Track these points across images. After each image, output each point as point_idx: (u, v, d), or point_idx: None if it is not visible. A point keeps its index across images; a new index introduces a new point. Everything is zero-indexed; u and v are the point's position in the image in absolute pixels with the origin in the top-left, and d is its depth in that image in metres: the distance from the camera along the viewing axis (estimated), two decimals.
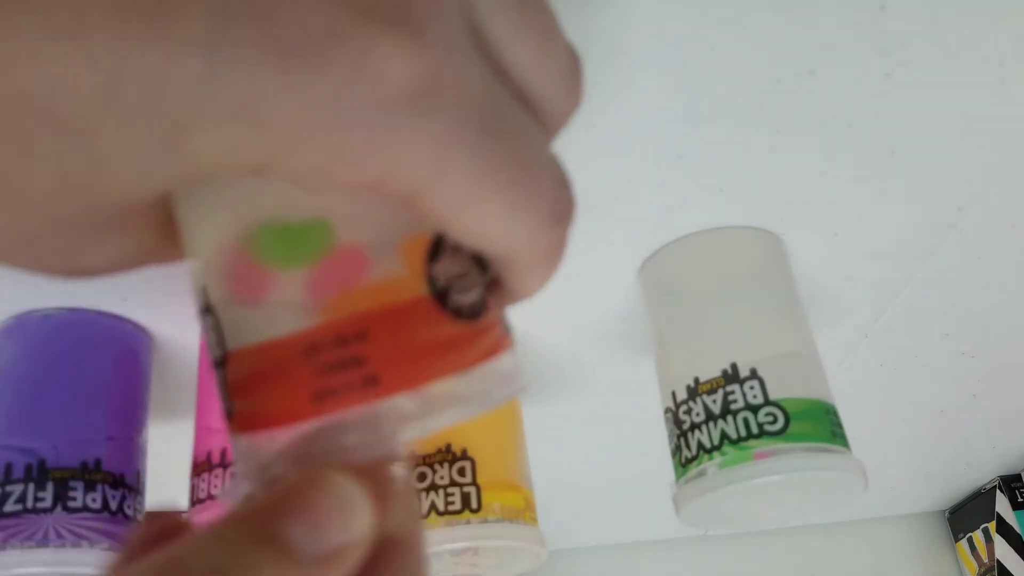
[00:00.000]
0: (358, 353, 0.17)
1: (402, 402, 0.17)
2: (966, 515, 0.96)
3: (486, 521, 0.44)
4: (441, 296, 0.18)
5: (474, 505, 0.44)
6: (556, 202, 0.18)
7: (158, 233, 0.18)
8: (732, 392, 0.42)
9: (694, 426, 0.43)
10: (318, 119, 0.15)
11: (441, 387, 0.18)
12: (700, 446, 0.42)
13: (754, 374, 0.42)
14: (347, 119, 0.15)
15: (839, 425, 0.43)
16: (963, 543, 0.96)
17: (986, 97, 0.39)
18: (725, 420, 0.42)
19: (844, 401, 0.48)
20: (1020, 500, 0.88)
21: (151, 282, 0.45)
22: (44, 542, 0.40)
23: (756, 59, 0.36)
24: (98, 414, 0.44)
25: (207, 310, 0.18)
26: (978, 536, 0.93)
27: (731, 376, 0.43)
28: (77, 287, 0.45)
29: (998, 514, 0.89)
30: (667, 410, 0.46)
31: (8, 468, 0.41)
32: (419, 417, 0.17)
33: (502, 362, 0.19)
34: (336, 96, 0.15)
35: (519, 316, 0.59)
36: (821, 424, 0.42)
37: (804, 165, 0.42)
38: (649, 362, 0.49)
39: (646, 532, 0.98)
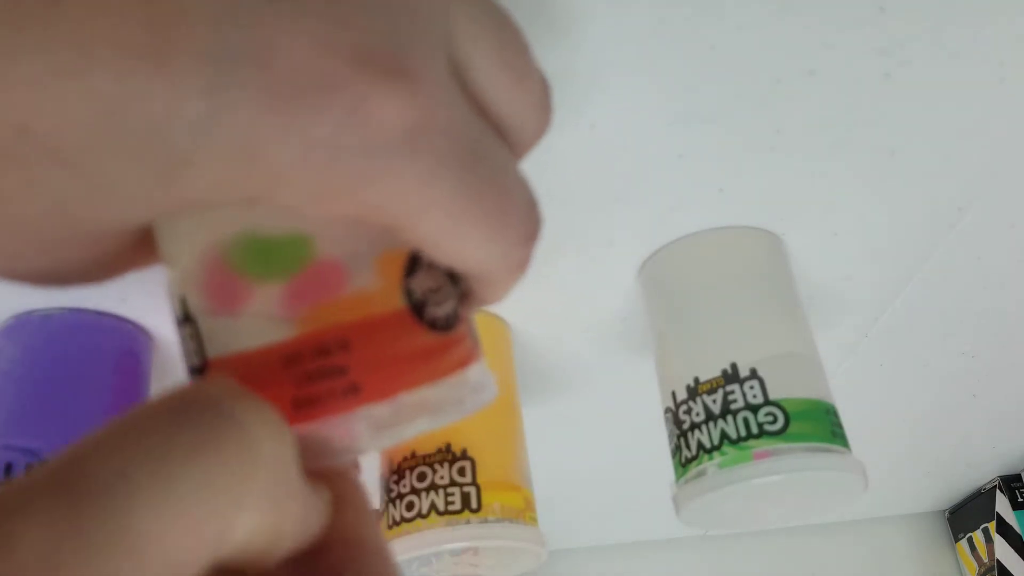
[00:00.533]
0: (341, 363, 0.18)
1: (381, 411, 0.18)
2: (966, 515, 0.96)
3: (486, 521, 0.44)
4: (418, 308, 0.19)
5: (474, 505, 0.44)
6: (527, 223, 0.19)
7: (136, 243, 0.18)
8: (732, 392, 0.42)
9: (694, 426, 0.43)
10: (313, 159, 0.15)
11: (414, 396, 0.18)
12: (700, 446, 0.43)
13: (754, 374, 0.42)
14: (341, 160, 0.15)
15: (839, 425, 0.43)
16: (963, 543, 0.96)
17: (986, 97, 0.39)
18: (725, 420, 0.42)
19: (844, 401, 0.48)
20: (1020, 500, 0.88)
21: (151, 282, 0.45)
22: None
23: (756, 59, 0.36)
24: (98, 414, 0.44)
25: (186, 319, 0.19)
26: (978, 536, 0.93)
27: (731, 376, 0.43)
28: (77, 287, 0.45)
29: (998, 514, 0.89)
30: (667, 410, 0.46)
31: (8, 468, 0.41)
32: (392, 425, 0.18)
33: (473, 372, 0.20)
34: (332, 139, 0.15)
35: (520, 316, 0.59)
36: (821, 424, 0.42)
37: (804, 165, 0.42)
38: (649, 362, 0.49)
39: (646, 532, 0.98)
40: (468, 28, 0.18)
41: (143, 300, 0.47)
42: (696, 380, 0.44)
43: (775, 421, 0.41)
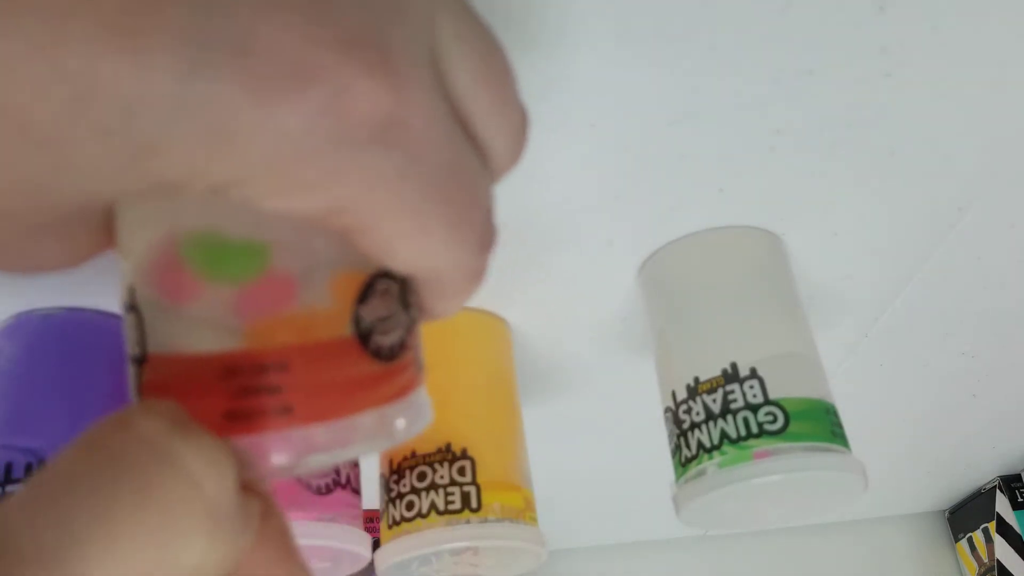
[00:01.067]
0: (276, 382, 0.18)
1: (313, 433, 0.18)
2: (966, 515, 0.96)
3: (486, 521, 0.44)
4: (364, 337, 0.19)
5: (474, 505, 0.44)
6: (485, 233, 0.19)
7: (100, 229, 0.18)
8: (732, 391, 0.42)
9: (694, 425, 0.43)
10: (286, 149, 0.15)
11: (351, 421, 0.18)
12: (700, 446, 0.43)
13: (754, 373, 0.42)
14: (314, 150, 0.15)
15: (839, 425, 0.43)
16: (963, 543, 0.96)
17: (986, 97, 0.39)
18: (725, 420, 0.42)
19: (844, 401, 0.48)
20: (1020, 500, 0.88)
21: None
22: None
23: (756, 59, 0.36)
24: (98, 414, 0.44)
25: (132, 307, 0.19)
26: (978, 536, 0.93)
27: (731, 375, 0.43)
28: (77, 287, 0.45)
29: (998, 514, 0.89)
30: (667, 410, 0.46)
31: (8, 468, 0.41)
32: (327, 449, 0.18)
33: (412, 400, 0.20)
34: (307, 129, 0.15)
35: (520, 316, 0.59)
36: (821, 424, 0.42)
37: (804, 165, 0.42)
38: (649, 362, 0.49)
39: (646, 532, 0.98)
40: (454, 45, 0.18)
41: None
42: (696, 380, 0.44)
43: (775, 421, 0.41)
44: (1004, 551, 0.88)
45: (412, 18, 0.17)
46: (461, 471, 0.45)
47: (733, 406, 0.42)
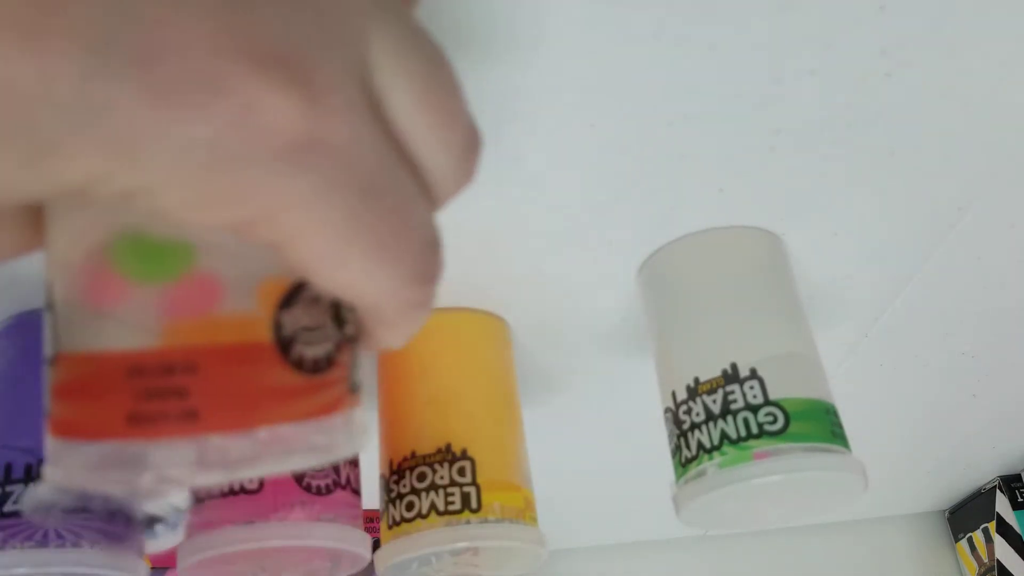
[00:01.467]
0: (182, 385, 0.17)
1: (229, 443, 0.17)
2: (966, 515, 0.96)
3: (486, 521, 0.44)
4: (284, 345, 0.18)
5: (474, 505, 0.44)
6: (422, 264, 0.18)
7: (30, 225, 0.18)
8: (732, 392, 0.42)
9: (694, 426, 0.43)
10: (192, 161, 0.15)
11: (265, 434, 0.17)
12: (700, 446, 0.42)
13: (754, 374, 0.42)
14: (222, 165, 0.15)
15: (839, 425, 0.43)
16: (963, 543, 0.96)
17: (986, 97, 0.39)
18: (725, 420, 0.42)
19: (844, 401, 0.48)
20: (1020, 500, 0.88)
21: None
22: (44, 542, 0.40)
23: (756, 59, 0.36)
24: None
25: (50, 307, 0.18)
26: (978, 536, 0.93)
27: (731, 376, 0.43)
28: None
29: (998, 514, 0.89)
30: (667, 410, 0.46)
31: (8, 468, 0.41)
32: (232, 462, 0.17)
33: (340, 420, 0.19)
34: (214, 142, 0.15)
35: (520, 316, 0.59)
36: (821, 424, 0.42)
37: (804, 165, 0.42)
38: (649, 362, 0.49)
39: (646, 532, 0.98)
40: (389, 62, 0.17)
41: None
42: (696, 380, 0.44)
43: (775, 421, 0.41)
44: (1004, 551, 0.88)
45: (339, 35, 0.16)
46: (461, 471, 0.45)
47: (733, 406, 0.42)
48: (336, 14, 0.16)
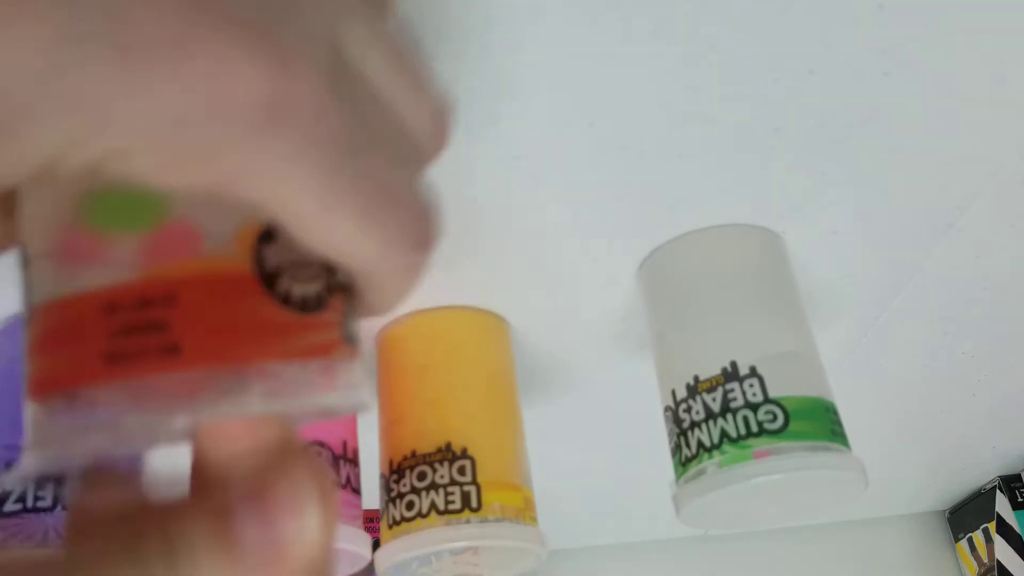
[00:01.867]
0: (161, 318, 0.16)
1: (204, 377, 0.16)
2: (966, 515, 0.96)
3: (486, 520, 0.44)
4: (269, 277, 0.17)
5: (474, 504, 0.44)
6: (414, 229, 0.18)
7: (6, 218, 0.18)
8: (732, 390, 0.42)
9: (694, 424, 0.43)
10: (163, 122, 0.15)
11: (252, 369, 0.16)
12: (700, 445, 0.43)
13: (754, 372, 0.42)
14: (193, 126, 0.15)
15: (839, 424, 0.43)
16: (963, 543, 0.96)
17: (986, 97, 0.39)
18: (725, 418, 0.42)
19: (844, 401, 0.48)
20: (1020, 500, 0.88)
21: None
22: (44, 542, 0.40)
23: (756, 59, 0.36)
24: None
25: (24, 266, 0.17)
26: (978, 536, 0.93)
27: (731, 374, 0.43)
28: None
29: (998, 514, 0.89)
30: (667, 408, 0.46)
31: (8, 467, 0.41)
32: (221, 398, 0.16)
33: (336, 366, 0.18)
34: (184, 102, 0.15)
35: (520, 316, 0.59)
36: (821, 422, 0.42)
37: (804, 165, 0.42)
38: (649, 361, 0.49)
39: (646, 532, 0.98)
40: (363, 33, 0.18)
41: None
42: (696, 378, 0.44)
43: (775, 419, 0.41)
44: (1004, 551, 0.88)
45: (310, 7, 0.17)
46: (461, 471, 0.45)
47: (733, 405, 0.42)
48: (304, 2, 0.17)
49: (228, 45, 0.15)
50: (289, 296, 0.17)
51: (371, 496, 0.52)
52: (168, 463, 0.18)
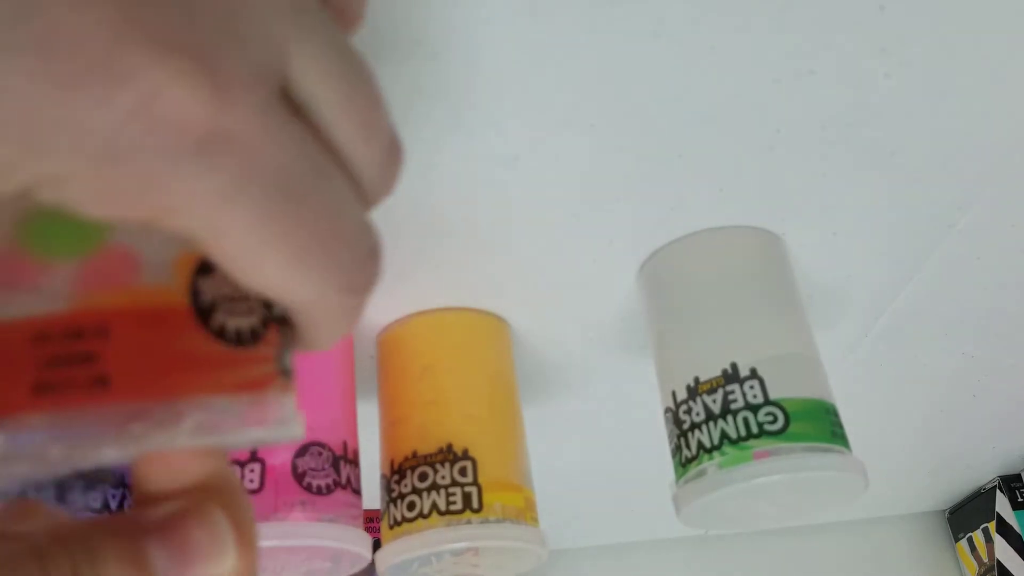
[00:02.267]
0: (92, 349, 0.16)
1: (132, 411, 0.16)
2: (966, 515, 0.96)
3: (487, 521, 0.44)
4: (204, 311, 0.17)
5: (475, 505, 0.44)
6: (353, 272, 0.18)
7: None
8: (732, 392, 0.42)
9: (694, 426, 0.43)
10: (94, 150, 0.14)
11: (182, 404, 0.16)
12: (700, 446, 0.43)
13: (754, 373, 0.42)
14: (125, 155, 0.15)
15: (839, 425, 0.43)
16: (963, 543, 0.96)
17: (986, 97, 0.39)
18: (725, 420, 0.42)
19: (844, 401, 0.48)
20: (1020, 500, 0.88)
21: None
22: None
23: (756, 59, 0.36)
24: None
25: None
26: (978, 536, 0.93)
27: (731, 376, 0.43)
28: None
29: (998, 514, 0.89)
30: (667, 410, 0.46)
31: None
32: (148, 433, 0.16)
33: (269, 400, 0.18)
34: (116, 131, 0.14)
35: (520, 316, 0.59)
36: (821, 424, 0.42)
37: (804, 165, 0.42)
38: (649, 362, 0.49)
39: (646, 532, 0.98)
40: (313, 69, 0.17)
41: None
42: (696, 380, 0.44)
43: (775, 421, 0.41)
44: (1004, 551, 0.88)
45: (252, 36, 0.16)
46: (462, 471, 0.45)
47: (733, 406, 0.42)
48: (250, 16, 0.16)
49: (163, 73, 0.14)
50: (224, 330, 0.17)
51: (371, 496, 0.52)
52: None
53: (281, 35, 0.17)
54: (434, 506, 0.44)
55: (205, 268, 0.17)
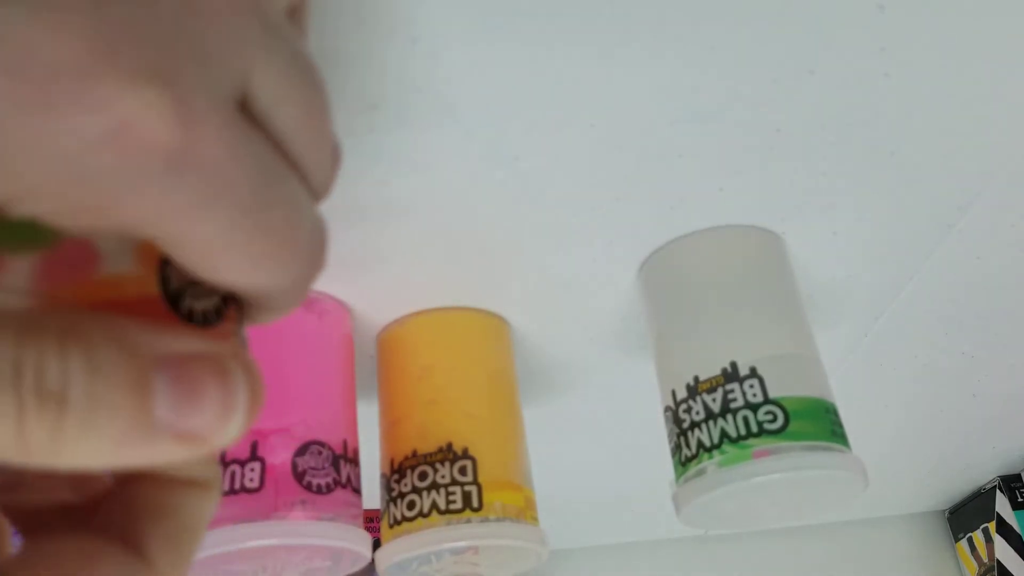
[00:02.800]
0: None
1: None
2: (966, 515, 0.96)
3: (487, 520, 0.44)
4: (173, 298, 0.18)
5: (475, 504, 0.44)
6: (309, 264, 0.19)
7: None
8: (732, 391, 0.42)
9: (694, 425, 0.43)
10: (63, 172, 0.15)
11: None
12: (700, 445, 0.43)
13: (754, 372, 0.42)
14: (94, 177, 0.15)
15: (839, 424, 0.43)
16: (963, 543, 0.96)
17: (986, 97, 0.39)
18: (725, 419, 0.42)
19: (844, 401, 0.48)
20: (1020, 500, 0.88)
21: None
22: None
23: (756, 59, 0.36)
24: None
25: None
26: (978, 536, 0.93)
27: (731, 375, 0.43)
28: None
29: (998, 514, 0.90)
30: (667, 409, 0.46)
31: None
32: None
33: None
34: (85, 154, 0.14)
35: (520, 316, 0.59)
36: (821, 423, 0.42)
37: (804, 165, 0.42)
38: (649, 362, 0.49)
39: (646, 532, 0.98)
40: (274, 85, 0.18)
41: None
42: (696, 379, 0.44)
43: (775, 420, 0.41)
44: (1004, 551, 0.88)
45: (216, 56, 0.16)
46: (462, 470, 0.45)
47: (733, 405, 0.42)
48: (217, 38, 0.16)
49: (133, 99, 0.15)
50: (192, 313, 0.18)
51: (371, 496, 0.52)
52: None
53: (249, 55, 0.17)
54: (434, 505, 0.44)
55: (168, 258, 0.18)
